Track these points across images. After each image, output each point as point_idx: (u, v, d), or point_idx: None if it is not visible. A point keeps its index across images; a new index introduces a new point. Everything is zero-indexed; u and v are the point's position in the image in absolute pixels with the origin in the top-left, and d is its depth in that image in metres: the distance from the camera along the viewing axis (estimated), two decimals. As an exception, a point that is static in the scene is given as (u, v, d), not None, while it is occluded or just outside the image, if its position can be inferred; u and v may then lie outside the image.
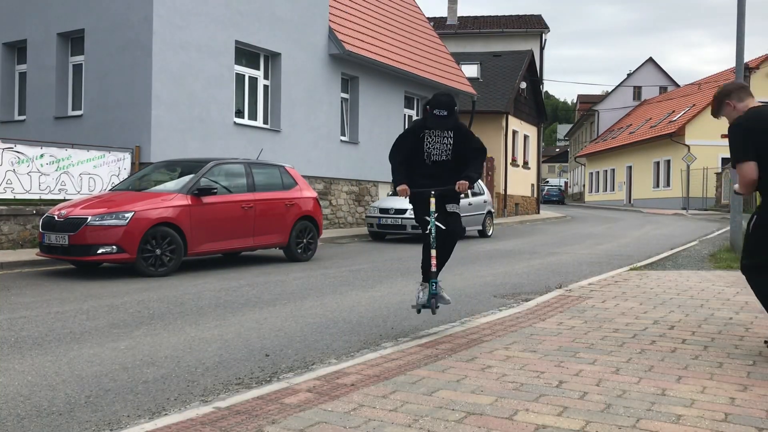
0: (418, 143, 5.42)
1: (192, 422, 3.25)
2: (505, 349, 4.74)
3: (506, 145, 29.29)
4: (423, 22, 25.39)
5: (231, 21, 15.12)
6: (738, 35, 11.48)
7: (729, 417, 3.30)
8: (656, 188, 41.89)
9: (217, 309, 6.77)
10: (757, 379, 4.00)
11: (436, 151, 5.41)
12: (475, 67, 30.74)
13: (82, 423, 3.51)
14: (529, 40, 37.18)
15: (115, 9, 13.82)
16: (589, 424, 3.19)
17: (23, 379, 4.26)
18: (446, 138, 5.39)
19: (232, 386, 4.17)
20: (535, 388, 3.79)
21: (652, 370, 4.17)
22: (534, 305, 6.67)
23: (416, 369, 4.21)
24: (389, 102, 20.83)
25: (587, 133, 62.65)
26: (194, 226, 9.64)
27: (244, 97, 16.07)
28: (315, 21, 17.63)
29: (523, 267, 10.79)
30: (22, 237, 11.57)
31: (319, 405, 3.49)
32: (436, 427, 3.16)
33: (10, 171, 11.50)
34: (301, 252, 11.47)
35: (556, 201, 53.97)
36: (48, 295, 7.58)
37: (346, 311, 6.75)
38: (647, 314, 6.13)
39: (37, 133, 14.26)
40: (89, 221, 8.93)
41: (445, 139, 5.39)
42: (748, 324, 5.68)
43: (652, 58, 58.47)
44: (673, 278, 8.75)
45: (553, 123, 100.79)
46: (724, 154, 35.70)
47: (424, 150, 5.40)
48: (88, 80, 14.31)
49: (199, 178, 10.04)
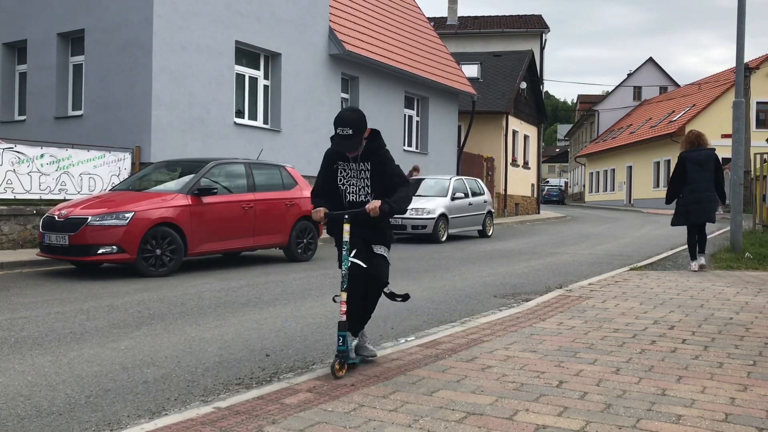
0: (332, 176, 4.35)
1: (192, 422, 3.25)
2: (505, 349, 4.74)
3: (506, 145, 29.29)
4: (423, 22, 25.39)
5: (231, 21, 15.12)
6: (738, 35, 11.48)
7: (729, 417, 3.30)
8: (656, 188, 41.87)
9: (217, 309, 6.77)
10: (757, 379, 4.00)
11: (353, 188, 4.30)
12: (475, 67, 30.75)
13: (82, 423, 3.51)
14: (530, 40, 37.18)
15: (115, 9, 13.82)
16: (589, 424, 3.19)
17: (23, 379, 4.26)
18: (363, 171, 4.27)
19: (232, 386, 4.17)
20: (535, 388, 3.79)
21: (652, 370, 4.17)
22: (534, 305, 6.66)
23: (416, 369, 4.21)
24: (389, 102, 20.83)
25: (587, 133, 62.66)
26: (194, 226, 9.64)
27: (244, 97, 16.07)
28: (315, 21, 17.63)
29: (523, 267, 10.78)
30: (23, 237, 11.57)
31: (320, 405, 3.49)
32: (436, 427, 3.16)
33: (11, 171, 11.50)
34: (301, 252, 11.47)
35: (556, 201, 53.99)
36: (48, 295, 7.58)
37: (346, 311, 6.74)
38: (647, 314, 6.13)
39: (37, 133, 14.26)
40: (89, 221, 8.93)
41: (362, 172, 4.27)
42: (749, 324, 5.68)
43: (653, 58, 58.51)
44: (674, 278, 8.74)
45: (553, 123, 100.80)
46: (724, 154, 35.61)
47: (339, 186, 4.33)
48: (88, 80, 14.32)
49: (200, 178, 10.04)
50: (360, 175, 4.28)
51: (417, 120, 22.94)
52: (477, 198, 17.83)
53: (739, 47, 11.55)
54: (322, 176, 4.40)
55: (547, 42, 37.78)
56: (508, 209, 29.75)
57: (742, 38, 11.45)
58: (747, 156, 23.39)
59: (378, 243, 4.32)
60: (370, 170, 4.26)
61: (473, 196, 17.66)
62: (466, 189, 17.44)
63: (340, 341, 4.02)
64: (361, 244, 4.22)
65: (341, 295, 4.06)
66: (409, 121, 22.49)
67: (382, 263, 4.31)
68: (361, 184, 4.28)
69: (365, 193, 4.27)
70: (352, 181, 4.29)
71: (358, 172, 4.28)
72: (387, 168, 4.27)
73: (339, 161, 4.31)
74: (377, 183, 4.26)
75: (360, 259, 4.17)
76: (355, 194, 4.29)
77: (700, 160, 9.36)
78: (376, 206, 4.09)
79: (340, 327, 4.04)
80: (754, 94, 34.66)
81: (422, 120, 23.10)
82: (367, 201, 4.25)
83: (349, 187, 4.30)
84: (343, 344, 4.02)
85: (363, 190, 4.28)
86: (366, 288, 4.24)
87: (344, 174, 4.31)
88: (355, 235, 4.18)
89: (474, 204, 17.51)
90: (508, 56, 32.42)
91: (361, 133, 4.15)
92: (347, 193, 4.30)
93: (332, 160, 4.33)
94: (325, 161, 4.37)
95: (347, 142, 4.12)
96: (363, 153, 4.27)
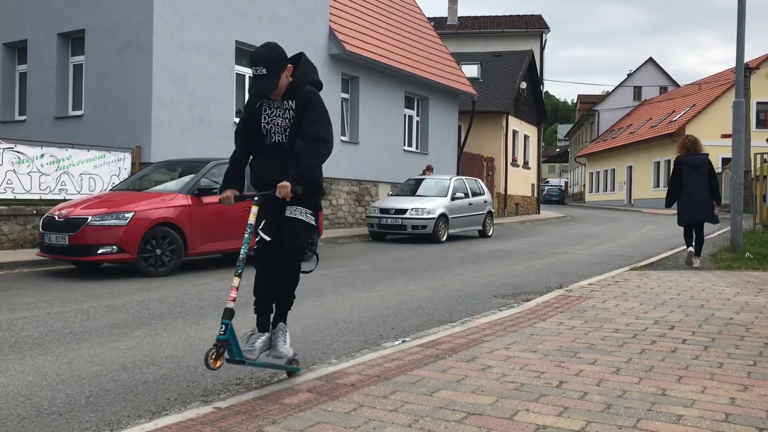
0: (255, 115, 3.98)
1: (192, 422, 3.25)
2: (506, 349, 4.73)
3: (506, 145, 29.29)
4: (423, 22, 25.39)
5: (231, 21, 15.12)
6: (738, 35, 11.48)
7: (729, 417, 3.30)
8: (656, 188, 41.88)
9: (217, 309, 6.77)
10: (757, 379, 4.00)
11: (277, 128, 3.93)
12: (476, 67, 30.75)
13: (82, 423, 3.51)
14: (530, 40, 37.19)
15: (115, 9, 13.82)
16: (589, 425, 3.18)
17: (23, 379, 4.26)
18: (287, 110, 3.91)
19: (232, 386, 4.17)
20: (536, 388, 3.79)
21: (652, 370, 4.17)
22: (534, 305, 6.66)
23: (416, 369, 4.20)
24: (389, 102, 20.82)
25: (587, 133, 62.66)
26: (194, 226, 9.64)
27: (244, 98, 16.06)
28: (315, 21, 17.63)
29: (523, 267, 10.78)
30: (23, 237, 11.57)
31: (320, 405, 3.49)
32: (436, 427, 3.16)
33: (11, 171, 11.50)
34: (301, 252, 11.45)
35: (556, 201, 53.99)
36: (48, 295, 7.58)
37: (346, 311, 6.74)
38: (648, 314, 6.13)
39: (37, 133, 14.26)
40: (89, 221, 8.93)
41: (287, 111, 3.91)
42: (749, 324, 5.68)
43: (653, 58, 58.51)
44: (674, 278, 8.74)
45: (553, 123, 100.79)
46: (724, 154, 35.69)
47: (262, 126, 3.95)
48: (88, 80, 14.32)
49: (200, 178, 10.04)
50: (285, 114, 3.91)
51: (417, 120, 22.93)
52: (477, 198, 17.83)
53: (739, 47, 11.55)
54: (245, 115, 4.03)
55: (547, 42, 37.79)
56: (508, 209, 29.76)
57: (742, 38, 11.45)
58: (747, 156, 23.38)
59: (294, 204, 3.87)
60: (294, 109, 3.89)
61: (473, 196, 17.66)
62: (466, 189, 17.44)
63: (222, 329, 3.57)
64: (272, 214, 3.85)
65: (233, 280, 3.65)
66: (409, 121, 22.47)
67: (295, 229, 3.87)
68: (285, 124, 3.90)
69: (291, 135, 3.89)
70: (277, 120, 3.92)
71: (283, 111, 3.91)
72: (307, 112, 3.86)
73: (264, 99, 3.95)
74: (298, 127, 3.89)
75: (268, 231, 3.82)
76: (279, 134, 3.92)
77: (695, 164, 9.80)
78: (286, 190, 3.70)
79: (224, 315, 3.59)
80: (754, 94, 34.67)
81: (422, 120, 23.09)
82: (283, 144, 3.92)
83: (274, 127, 3.92)
84: (224, 333, 3.56)
85: (289, 131, 3.90)
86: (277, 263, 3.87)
87: (268, 113, 3.94)
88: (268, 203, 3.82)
89: (474, 204, 17.51)
90: (508, 56, 32.42)
91: (277, 73, 3.78)
92: (272, 133, 3.93)
93: (258, 97, 3.96)
94: (250, 99, 4.02)
95: (262, 83, 3.77)
96: (287, 90, 3.90)
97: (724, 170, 33.83)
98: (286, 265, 3.92)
